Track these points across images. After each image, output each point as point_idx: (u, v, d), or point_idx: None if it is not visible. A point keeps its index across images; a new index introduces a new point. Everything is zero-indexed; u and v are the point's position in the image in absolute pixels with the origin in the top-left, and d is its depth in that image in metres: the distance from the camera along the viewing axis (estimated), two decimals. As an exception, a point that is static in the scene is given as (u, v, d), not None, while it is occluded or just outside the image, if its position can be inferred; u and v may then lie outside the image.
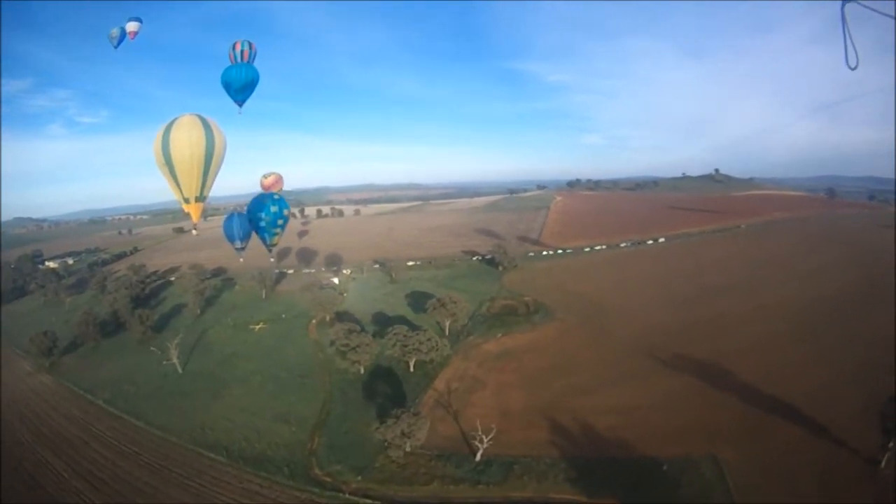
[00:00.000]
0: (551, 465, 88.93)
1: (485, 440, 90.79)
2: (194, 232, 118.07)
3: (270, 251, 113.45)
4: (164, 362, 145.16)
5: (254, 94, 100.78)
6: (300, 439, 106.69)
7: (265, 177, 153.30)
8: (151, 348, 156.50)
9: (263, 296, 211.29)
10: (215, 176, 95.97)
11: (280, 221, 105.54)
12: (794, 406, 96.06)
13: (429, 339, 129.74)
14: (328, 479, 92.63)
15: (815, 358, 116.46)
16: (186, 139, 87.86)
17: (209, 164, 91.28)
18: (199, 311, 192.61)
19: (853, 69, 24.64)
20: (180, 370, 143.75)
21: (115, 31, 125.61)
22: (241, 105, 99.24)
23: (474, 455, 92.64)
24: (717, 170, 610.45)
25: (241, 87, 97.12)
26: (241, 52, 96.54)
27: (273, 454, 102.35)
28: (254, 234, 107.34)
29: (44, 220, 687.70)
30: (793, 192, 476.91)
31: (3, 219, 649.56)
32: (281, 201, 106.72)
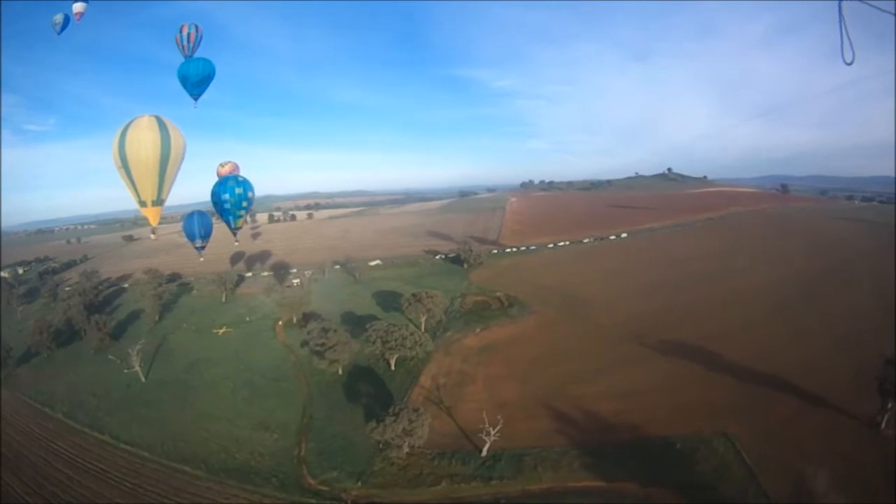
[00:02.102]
0: (563, 454, 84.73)
1: (492, 433, 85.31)
2: (153, 236, 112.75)
3: (235, 234, 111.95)
4: (126, 371, 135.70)
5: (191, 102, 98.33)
6: (285, 446, 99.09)
7: (221, 165, 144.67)
8: (110, 357, 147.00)
9: (224, 299, 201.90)
10: (173, 179, 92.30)
11: (245, 203, 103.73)
12: (786, 380, 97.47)
13: (412, 334, 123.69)
14: (324, 488, 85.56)
15: (797, 336, 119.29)
16: (142, 140, 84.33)
17: (166, 166, 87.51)
18: (157, 317, 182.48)
19: (849, 64, 24.63)
20: (143, 379, 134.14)
21: (59, 17, 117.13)
22: (196, 99, 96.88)
23: (479, 450, 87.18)
24: (669, 169, 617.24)
25: (197, 80, 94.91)
26: (188, 34, 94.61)
27: (258, 464, 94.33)
28: (216, 231, 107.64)
29: None
30: (747, 189, 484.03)
31: None
32: (245, 183, 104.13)
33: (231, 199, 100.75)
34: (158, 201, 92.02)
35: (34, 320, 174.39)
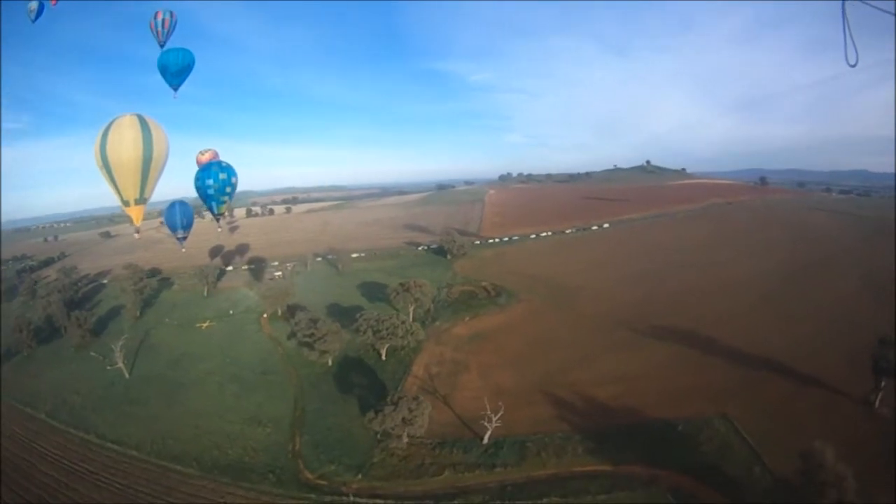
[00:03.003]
0: (566, 440, 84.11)
1: (493, 420, 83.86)
2: (136, 235, 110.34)
3: (218, 220, 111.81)
4: (108, 367, 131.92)
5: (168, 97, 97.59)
6: (279, 441, 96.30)
7: (201, 153, 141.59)
8: (92, 353, 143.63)
9: (206, 293, 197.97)
10: (157, 177, 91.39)
11: (228, 189, 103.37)
12: (780, 363, 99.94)
13: (403, 323, 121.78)
14: (323, 482, 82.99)
15: (786, 321, 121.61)
16: (124, 140, 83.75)
17: (148, 165, 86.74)
18: (138, 313, 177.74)
19: (853, 66, 24.37)
20: (127, 375, 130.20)
21: (34, 5, 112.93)
22: (176, 89, 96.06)
23: (480, 438, 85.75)
24: (648, 161, 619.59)
25: (177, 70, 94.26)
26: (163, 20, 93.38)
27: (252, 460, 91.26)
28: (195, 226, 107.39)
29: None
30: (726, 181, 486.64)
31: None
32: (229, 168, 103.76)
33: (215, 185, 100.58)
34: (141, 200, 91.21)
35: (13, 318, 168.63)
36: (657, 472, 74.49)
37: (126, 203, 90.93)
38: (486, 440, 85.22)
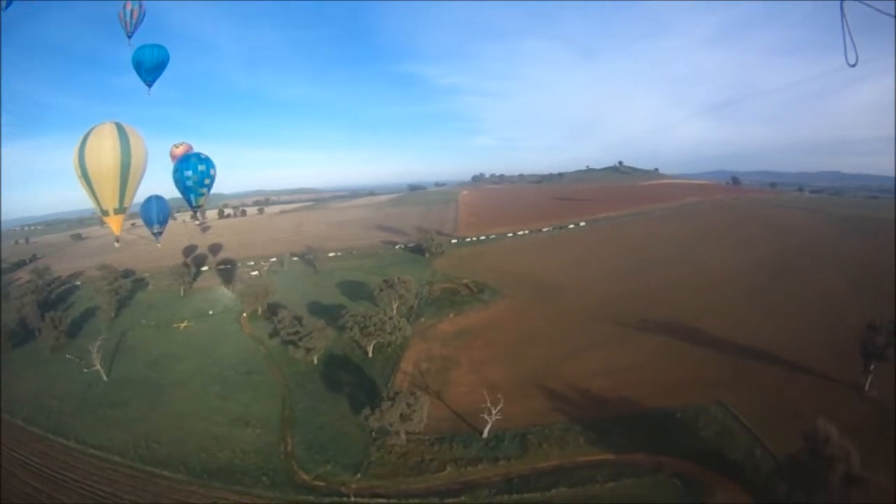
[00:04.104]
0: (566, 431, 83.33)
1: (493, 413, 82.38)
2: (116, 244, 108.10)
3: (196, 213, 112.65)
4: (85, 370, 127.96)
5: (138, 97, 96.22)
6: (269, 442, 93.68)
7: (175, 146, 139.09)
8: (68, 356, 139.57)
9: (182, 293, 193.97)
10: (136, 186, 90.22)
11: (207, 181, 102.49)
12: (769, 353, 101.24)
13: (390, 319, 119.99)
14: (321, 483, 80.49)
15: (772, 312, 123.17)
16: (102, 149, 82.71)
17: (127, 175, 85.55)
18: (113, 314, 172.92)
19: (852, 66, 24.13)
20: (105, 377, 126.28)
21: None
22: (150, 86, 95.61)
23: (480, 432, 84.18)
24: (620, 162, 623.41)
25: (151, 67, 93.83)
26: (131, 11, 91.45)
27: (243, 463, 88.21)
28: (169, 226, 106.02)
29: None
30: (699, 181, 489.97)
31: None
32: (208, 160, 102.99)
33: (194, 177, 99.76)
34: (121, 210, 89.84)
35: None
36: (660, 458, 74.41)
37: (105, 213, 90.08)
38: (486, 434, 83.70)
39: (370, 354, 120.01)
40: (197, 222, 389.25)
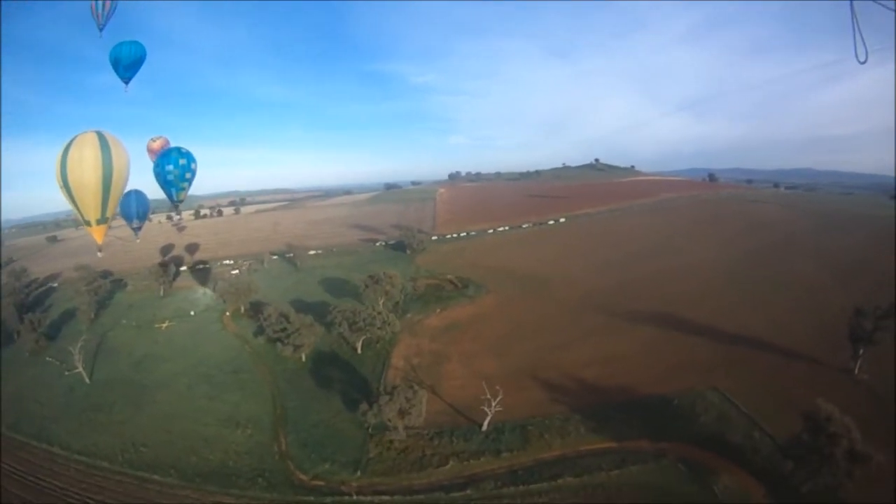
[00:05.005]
0: (565, 421, 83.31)
1: (493, 405, 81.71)
2: (99, 254, 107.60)
3: (177, 207, 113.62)
4: (67, 373, 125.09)
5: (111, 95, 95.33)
6: (262, 442, 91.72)
7: (153, 140, 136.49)
8: (48, 358, 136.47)
9: (161, 293, 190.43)
10: (119, 196, 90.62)
11: (188, 175, 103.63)
12: (759, 340, 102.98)
13: (379, 314, 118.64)
14: (320, 483, 78.79)
15: (758, 302, 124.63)
16: (84, 160, 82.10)
17: (109, 185, 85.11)
18: (93, 315, 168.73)
19: (862, 63, 24.38)
20: (87, 380, 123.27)
21: None
22: (127, 83, 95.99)
23: (479, 425, 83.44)
24: (597, 159, 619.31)
25: (129, 63, 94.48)
26: (103, 3, 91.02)
27: (236, 464, 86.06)
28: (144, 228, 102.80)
29: None
30: (675, 178, 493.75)
31: None
32: (189, 154, 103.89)
33: (175, 171, 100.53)
34: (103, 220, 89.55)
35: None
36: (662, 444, 75.01)
37: (87, 223, 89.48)
38: (485, 426, 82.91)
39: (359, 351, 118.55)
40: (172, 223, 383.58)
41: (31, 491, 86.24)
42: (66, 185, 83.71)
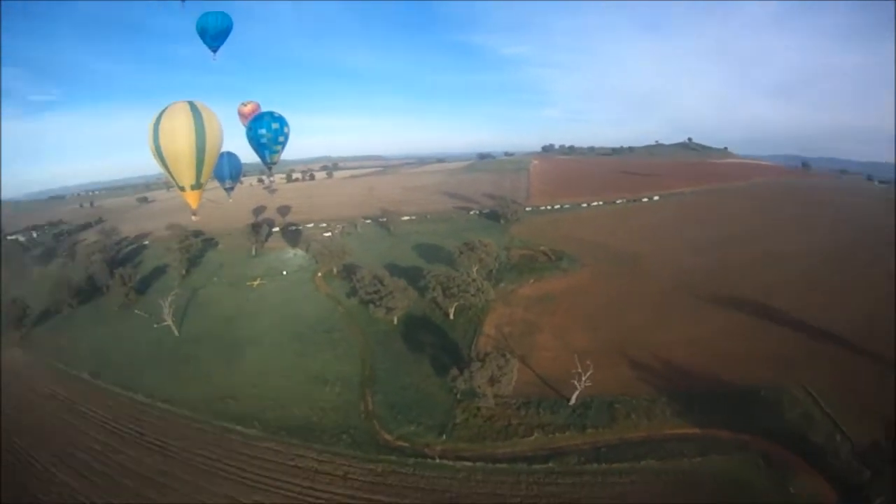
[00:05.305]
0: (652, 402, 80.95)
1: (583, 379, 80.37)
2: (194, 218, 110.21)
3: (269, 170, 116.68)
4: (155, 326, 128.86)
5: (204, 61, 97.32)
6: (349, 400, 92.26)
7: (243, 104, 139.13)
8: (137, 311, 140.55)
9: (253, 253, 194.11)
10: (213, 162, 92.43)
11: (281, 138, 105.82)
12: (847, 338, 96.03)
13: (473, 281, 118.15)
14: (404, 444, 79.12)
15: (848, 298, 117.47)
16: (176, 129, 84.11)
17: (202, 152, 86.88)
18: (184, 272, 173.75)
19: None
20: (176, 333, 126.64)
21: None
22: (215, 52, 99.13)
23: (567, 399, 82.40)
24: (690, 138, 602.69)
25: (215, 33, 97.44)
26: None
27: (321, 420, 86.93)
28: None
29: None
30: (768, 163, 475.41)
31: None
32: (282, 119, 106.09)
33: (268, 134, 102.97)
34: (198, 185, 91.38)
35: (52, 280, 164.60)
36: (744, 436, 72.22)
37: (182, 189, 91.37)
38: (573, 400, 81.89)
39: (451, 317, 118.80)
40: (264, 185, 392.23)
41: (112, 435, 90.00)
42: (159, 154, 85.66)
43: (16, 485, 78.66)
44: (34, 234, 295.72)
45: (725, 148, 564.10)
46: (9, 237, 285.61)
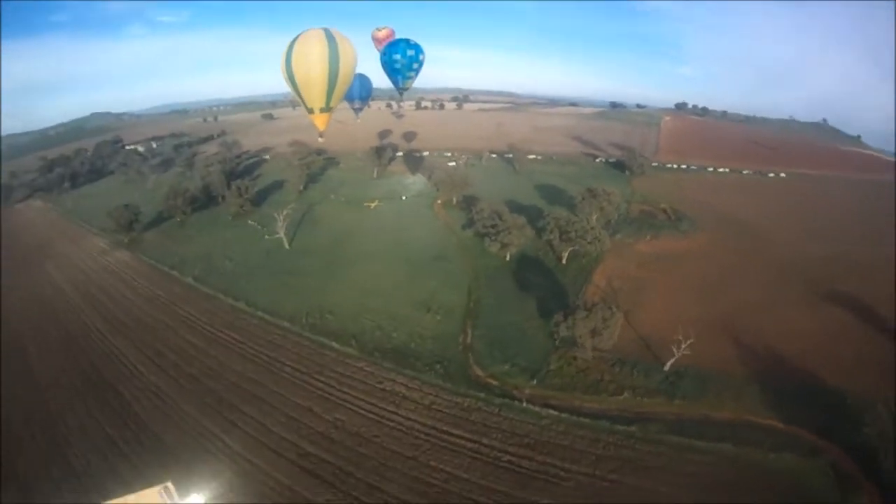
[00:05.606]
0: (744, 385, 78.96)
1: (682, 347, 79.46)
2: (320, 139, 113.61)
3: (401, 95, 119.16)
4: (267, 237, 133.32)
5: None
6: (449, 331, 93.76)
7: (378, 30, 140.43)
8: (250, 222, 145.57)
9: (375, 175, 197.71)
10: (345, 88, 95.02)
11: (415, 65, 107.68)
12: None
13: (592, 228, 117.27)
14: (494, 382, 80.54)
15: None
16: (309, 54, 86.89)
17: (334, 78, 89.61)
18: (302, 187, 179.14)
19: None
20: (287, 246, 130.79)
21: None
22: None
23: (662, 364, 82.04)
24: (825, 119, 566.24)
25: None
26: None
27: (417, 348, 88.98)
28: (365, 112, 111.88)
29: (124, 114, 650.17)
30: None
31: (80, 114, 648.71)
32: (417, 46, 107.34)
33: (402, 60, 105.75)
34: (327, 109, 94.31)
35: (168, 187, 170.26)
36: (822, 442, 70.00)
37: (311, 111, 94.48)
38: (667, 367, 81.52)
39: (564, 261, 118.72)
40: (392, 110, 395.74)
41: (204, 338, 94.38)
42: (290, 78, 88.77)
43: (102, 381, 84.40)
44: (154, 145, 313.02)
45: (859, 136, 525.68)
46: (128, 147, 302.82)
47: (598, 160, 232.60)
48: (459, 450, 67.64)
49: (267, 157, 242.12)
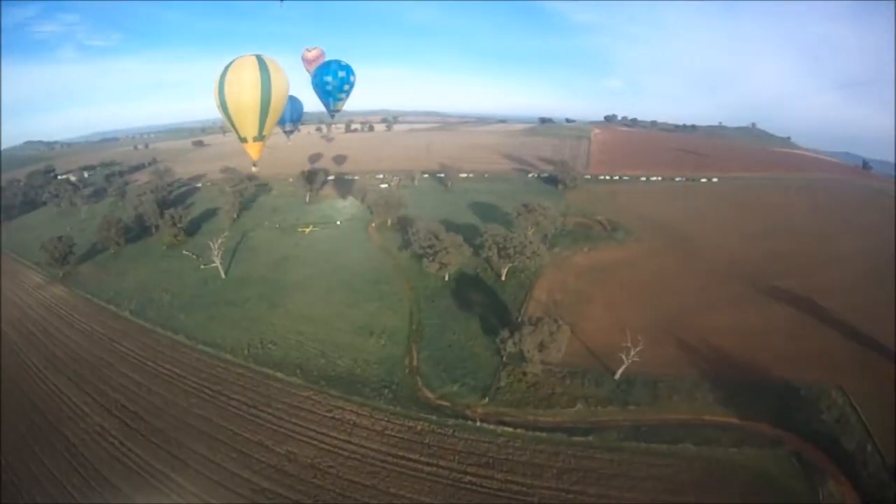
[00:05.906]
0: (695, 385, 79.97)
1: (632, 355, 79.59)
2: (254, 169, 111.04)
3: (332, 117, 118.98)
4: (202, 266, 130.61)
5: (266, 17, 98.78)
6: (394, 354, 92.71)
7: (308, 50, 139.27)
8: (185, 252, 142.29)
9: (307, 199, 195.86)
10: (277, 116, 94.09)
11: (346, 86, 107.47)
12: (890, 348, 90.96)
13: (530, 243, 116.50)
14: (445, 403, 79.76)
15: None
16: (242, 82, 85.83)
17: (267, 106, 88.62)
18: (235, 215, 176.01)
19: None
20: (223, 275, 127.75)
21: None
22: (282, 0, 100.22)
23: (613, 373, 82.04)
24: (753, 124, 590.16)
25: None
26: None
27: (364, 373, 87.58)
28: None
29: (55, 143, 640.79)
30: (829, 158, 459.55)
31: (13, 143, 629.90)
32: (348, 67, 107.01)
33: (333, 82, 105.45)
34: (259, 137, 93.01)
35: (101, 218, 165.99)
36: (782, 433, 71.20)
37: (244, 140, 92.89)
38: (618, 375, 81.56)
39: (503, 278, 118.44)
40: (321, 134, 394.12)
41: (146, 374, 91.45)
42: (223, 105, 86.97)
43: (46, 423, 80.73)
44: (85, 174, 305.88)
45: (788, 137, 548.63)
46: (60, 177, 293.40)
47: (530, 175, 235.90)
48: (418, 474, 66.22)
49: (199, 184, 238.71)
